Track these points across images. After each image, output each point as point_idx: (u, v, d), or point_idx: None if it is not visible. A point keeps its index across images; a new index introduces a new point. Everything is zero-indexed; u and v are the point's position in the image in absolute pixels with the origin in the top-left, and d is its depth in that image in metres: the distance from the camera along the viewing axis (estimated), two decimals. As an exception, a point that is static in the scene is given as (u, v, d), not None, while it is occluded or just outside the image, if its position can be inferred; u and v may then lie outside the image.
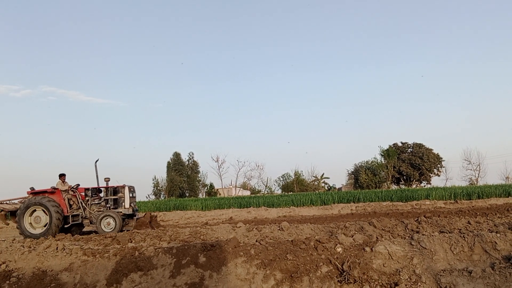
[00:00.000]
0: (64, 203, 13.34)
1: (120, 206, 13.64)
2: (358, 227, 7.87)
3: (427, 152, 49.78)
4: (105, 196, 13.79)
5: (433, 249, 4.86)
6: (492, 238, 4.79)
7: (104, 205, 13.67)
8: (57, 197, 13.24)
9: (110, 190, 13.79)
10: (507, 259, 4.59)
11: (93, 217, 13.29)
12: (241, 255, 5.65)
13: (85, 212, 13.39)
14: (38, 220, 12.79)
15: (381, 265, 4.86)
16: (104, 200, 13.73)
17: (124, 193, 13.65)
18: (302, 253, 5.40)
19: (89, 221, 13.52)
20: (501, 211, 13.57)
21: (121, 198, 13.69)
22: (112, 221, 12.78)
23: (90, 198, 13.74)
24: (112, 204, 13.59)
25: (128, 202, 13.62)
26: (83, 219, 13.46)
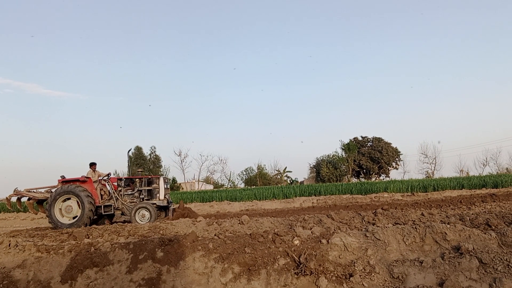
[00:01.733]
0: (96, 193, 12.95)
1: (154, 197, 13.29)
2: (317, 220, 7.98)
3: (386, 146, 51.05)
4: (139, 187, 13.44)
5: (386, 240, 4.98)
6: (442, 229, 4.96)
7: (137, 196, 13.34)
8: (89, 186, 12.81)
9: (144, 180, 13.47)
10: (456, 249, 4.76)
11: (126, 208, 12.94)
12: (199, 249, 5.61)
13: (117, 203, 13.00)
14: (70, 209, 12.39)
15: (336, 256, 4.94)
16: (138, 191, 13.38)
17: (159, 184, 13.34)
18: (260, 246, 5.42)
19: (121, 212, 13.15)
20: (454, 203, 14.08)
21: (155, 189, 13.37)
22: (147, 213, 12.45)
23: (122, 189, 13.38)
24: (146, 195, 13.25)
25: (163, 194, 13.28)
26: (115, 210, 13.04)
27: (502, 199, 14.51)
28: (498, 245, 4.82)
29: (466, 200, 14.34)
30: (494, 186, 24.97)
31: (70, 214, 12.42)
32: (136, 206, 12.57)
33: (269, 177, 54.63)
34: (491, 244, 4.81)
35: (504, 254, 4.62)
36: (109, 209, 12.92)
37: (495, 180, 25.98)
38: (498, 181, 25.51)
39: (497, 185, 24.91)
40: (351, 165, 50.90)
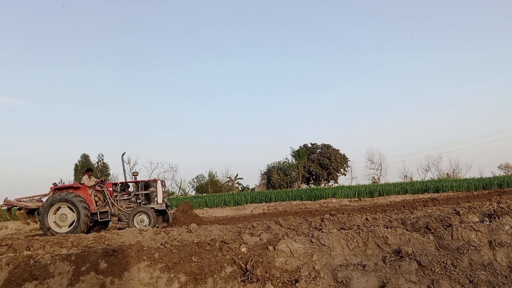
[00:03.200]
0: (91, 199, 12.43)
1: (152, 201, 12.85)
2: (265, 227, 8.03)
3: (334, 152, 52.26)
4: (135, 191, 13.00)
5: (331, 246, 5.08)
6: (384, 233, 5.12)
7: (134, 201, 12.88)
8: (83, 192, 12.32)
9: (141, 184, 13.02)
10: (397, 252, 4.93)
11: (122, 214, 12.44)
12: (145, 259, 5.49)
13: (113, 209, 12.46)
14: (64, 218, 11.87)
15: (283, 263, 4.98)
16: (135, 196, 12.91)
17: (156, 187, 12.90)
18: (207, 255, 5.37)
19: (118, 218, 12.56)
20: (398, 207, 14.62)
21: (153, 192, 12.93)
22: (146, 218, 12.04)
23: (118, 194, 12.88)
24: (143, 200, 12.80)
25: (161, 197, 12.82)
26: (112, 216, 12.48)
27: (442, 203, 15.21)
28: (436, 248, 5.04)
29: (409, 205, 14.91)
30: (435, 190, 26.15)
31: (65, 222, 11.95)
32: (135, 211, 12.19)
33: (221, 184, 54.43)
34: (429, 247, 5.01)
35: (441, 256, 4.83)
36: (105, 216, 12.47)
37: (436, 185, 27.20)
38: (439, 186, 26.73)
39: (438, 190, 26.10)
40: (301, 172, 51.68)
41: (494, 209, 8.25)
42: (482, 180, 27.70)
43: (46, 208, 11.87)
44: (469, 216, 7.21)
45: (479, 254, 4.76)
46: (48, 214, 11.85)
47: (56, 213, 12.03)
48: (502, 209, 8.47)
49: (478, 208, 9.96)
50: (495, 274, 4.58)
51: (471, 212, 8.12)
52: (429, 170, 51.20)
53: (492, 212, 7.60)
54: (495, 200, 13.34)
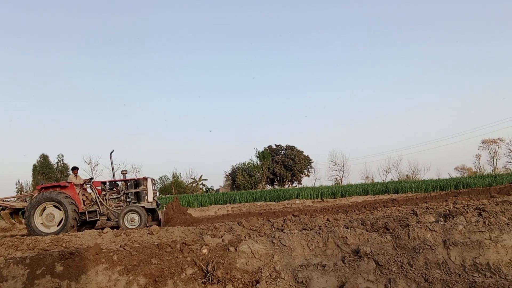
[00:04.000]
0: (79, 198, 12.05)
1: (142, 200, 12.62)
2: (228, 228, 8.00)
3: (298, 154, 52.78)
4: (125, 190, 12.67)
5: (292, 246, 5.11)
6: (343, 233, 5.20)
7: (124, 200, 12.59)
8: (71, 191, 11.90)
9: (131, 183, 12.75)
10: (355, 252, 5.02)
11: (112, 213, 12.15)
12: (103, 262, 5.37)
13: (102, 208, 12.14)
14: (51, 217, 11.48)
15: (244, 264, 4.98)
16: (124, 194, 12.62)
17: (146, 185, 12.69)
18: (168, 257, 5.31)
19: (106, 218, 12.25)
20: (359, 208, 14.89)
21: (143, 191, 12.69)
22: (137, 217, 11.79)
23: (107, 193, 12.57)
24: (133, 198, 12.51)
25: (151, 196, 12.63)
26: (101, 215, 12.16)
27: (402, 203, 15.61)
28: (393, 247, 5.16)
29: (369, 205, 15.21)
30: (395, 191, 26.81)
31: (52, 222, 11.58)
32: (125, 210, 11.95)
33: (185, 186, 53.95)
34: (387, 247, 5.13)
35: (398, 255, 4.95)
36: (93, 215, 12.17)
37: (396, 186, 27.90)
38: (399, 187, 27.43)
39: (397, 191, 26.77)
40: (266, 173, 51.91)
41: (450, 210, 8.52)
42: (439, 182, 28.60)
43: (32, 208, 11.52)
44: (425, 216, 7.43)
45: (434, 253, 4.91)
46: (35, 213, 11.52)
47: (42, 213, 11.71)
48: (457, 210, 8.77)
49: (435, 208, 10.27)
50: (449, 273, 4.74)
51: (427, 212, 8.37)
52: (389, 172, 52.58)
53: (447, 212, 7.84)
54: (451, 200, 13.76)
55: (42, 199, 11.57)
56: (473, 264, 4.84)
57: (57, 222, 11.61)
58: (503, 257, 4.97)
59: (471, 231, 5.20)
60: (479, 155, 54.03)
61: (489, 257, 4.89)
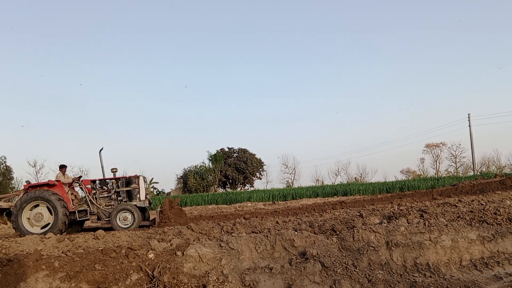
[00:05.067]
0: (68, 197, 11.55)
1: (134, 198, 12.26)
2: (177, 232, 7.89)
3: (250, 157, 52.95)
4: (116, 188, 12.26)
5: (240, 249, 5.11)
6: (291, 236, 5.26)
7: (115, 199, 12.18)
8: (60, 190, 11.41)
9: (122, 181, 12.36)
10: (302, 254, 5.08)
11: (102, 212, 11.72)
12: (44, 269, 5.15)
13: (92, 207, 11.68)
14: (40, 217, 11.05)
15: (191, 268, 4.92)
16: (115, 193, 12.22)
17: (138, 183, 12.38)
18: (112, 262, 5.16)
19: (97, 217, 11.80)
20: (309, 210, 15.10)
21: (135, 189, 12.35)
22: (130, 215, 11.48)
23: (97, 191, 12.11)
24: (124, 197, 12.16)
25: (143, 194, 12.36)
26: (91, 214, 11.69)
27: (350, 205, 15.96)
28: (339, 249, 5.27)
29: (319, 208, 15.46)
30: (344, 194, 27.47)
31: (41, 222, 11.15)
32: (117, 208, 11.59)
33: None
34: (332, 249, 5.23)
35: (343, 257, 5.06)
36: (83, 215, 11.70)
37: (345, 188, 28.60)
38: (347, 189, 28.13)
39: (346, 193, 27.45)
40: (218, 176, 51.68)
41: (394, 211, 8.82)
42: (386, 184, 29.58)
43: (20, 207, 11.08)
44: (371, 218, 7.65)
45: (377, 254, 5.06)
46: (22, 213, 11.10)
47: (30, 213, 11.28)
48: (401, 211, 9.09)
49: (380, 210, 10.59)
50: (391, 273, 4.90)
51: (373, 214, 8.62)
52: (339, 175, 53.72)
53: (391, 214, 8.11)
54: (396, 202, 14.22)
55: (29, 198, 11.22)
56: (414, 264, 5.03)
57: (46, 222, 11.29)
58: (442, 257, 5.20)
59: (412, 232, 5.40)
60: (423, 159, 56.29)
61: (429, 258, 5.10)
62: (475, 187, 19.64)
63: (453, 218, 7.61)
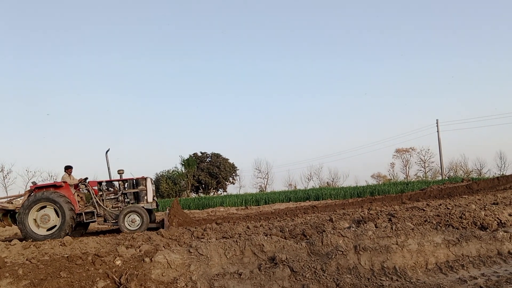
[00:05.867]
0: (74, 199, 11.38)
1: (141, 200, 12.11)
2: (146, 238, 7.79)
3: (223, 161, 52.82)
4: (123, 190, 12.12)
5: (209, 255, 5.08)
6: (260, 241, 5.26)
7: (122, 200, 12.04)
8: (67, 192, 11.30)
9: (130, 182, 12.28)
10: (271, 259, 5.09)
11: (109, 214, 11.61)
12: (7, 276, 5.00)
13: (99, 209, 11.59)
14: (46, 219, 10.91)
15: (159, 274, 4.86)
16: (122, 194, 12.07)
17: (146, 185, 12.25)
18: (78, 269, 5.05)
19: (103, 219, 11.64)
20: (281, 215, 15.17)
21: (142, 191, 12.21)
22: (138, 218, 11.37)
23: (104, 193, 11.98)
24: (131, 199, 12.03)
25: (151, 196, 12.24)
26: (97, 216, 11.56)
27: (321, 210, 16.11)
28: (308, 254, 5.30)
29: (291, 212, 15.54)
30: (316, 198, 27.69)
31: (47, 224, 10.98)
32: (125, 210, 11.47)
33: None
34: (301, 253, 5.26)
35: (312, 262, 5.09)
36: (90, 216, 11.58)
37: (317, 193, 28.83)
38: (319, 194, 28.37)
39: (318, 198, 27.67)
40: (191, 181, 51.33)
41: (363, 216, 8.95)
42: (356, 189, 29.97)
43: (26, 208, 10.88)
44: (340, 222, 7.73)
45: (345, 259, 5.11)
46: (29, 215, 10.93)
47: (36, 214, 11.10)
48: (371, 215, 9.23)
49: (351, 214, 10.73)
50: (359, 277, 4.96)
51: (343, 218, 8.71)
52: (311, 179, 54.10)
53: (361, 218, 8.22)
54: (366, 207, 14.43)
55: (37, 199, 11.06)
56: (381, 268, 5.10)
57: (52, 224, 11.16)
58: (408, 261, 5.30)
59: (380, 237, 5.49)
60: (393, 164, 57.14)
61: (395, 261, 5.18)
62: (443, 191, 20.15)
63: (420, 222, 7.78)
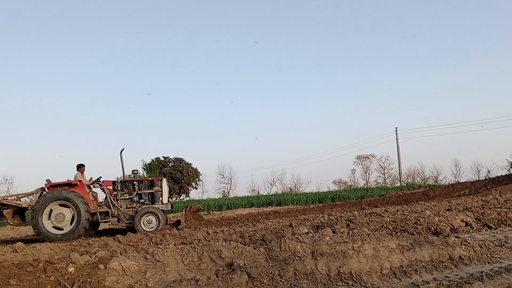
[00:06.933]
0: (89, 198, 11.28)
1: (157, 201, 12.14)
2: (102, 244, 7.61)
3: (186, 166, 52.34)
4: (138, 190, 12.05)
5: (166, 261, 5.01)
6: (218, 247, 5.23)
7: (136, 201, 11.94)
8: (82, 191, 11.16)
9: (145, 183, 12.25)
10: (229, 265, 5.07)
11: (123, 214, 11.50)
12: (-51, 286, 4.76)
13: (113, 209, 11.48)
14: (61, 218, 10.75)
15: (114, 282, 4.75)
16: (137, 195, 11.99)
17: (161, 186, 12.27)
18: (28, 277, 4.87)
19: (117, 219, 11.53)
20: (242, 220, 15.15)
21: (158, 192, 12.22)
22: (154, 219, 11.36)
23: (118, 193, 11.91)
24: (146, 199, 11.98)
25: (166, 197, 12.28)
26: (112, 216, 11.48)
27: (283, 216, 16.20)
28: (266, 260, 5.31)
29: (253, 218, 15.54)
30: (278, 204, 27.86)
31: (62, 223, 10.79)
32: (142, 211, 11.36)
33: (64, 198, 50.14)
34: (259, 259, 5.26)
35: (270, 267, 5.11)
36: (104, 216, 11.50)
37: (279, 198, 29.01)
38: (282, 199, 28.56)
39: (280, 203, 27.85)
40: (152, 185, 50.61)
41: (323, 221, 9.07)
42: (318, 194, 30.37)
43: (41, 207, 10.69)
44: (300, 228, 7.79)
45: (303, 264, 5.15)
46: (43, 214, 10.73)
47: (51, 213, 10.89)
48: (331, 221, 9.37)
49: (311, 220, 10.85)
50: (316, 282, 5.00)
51: (303, 224, 8.79)
52: (274, 185, 54.36)
53: (320, 224, 8.32)
54: (327, 212, 14.61)
55: (52, 198, 10.88)
56: (337, 273, 5.17)
57: (68, 223, 10.93)
58: (364, 266, 5.39)
59: (337, 242, 5.56)
60: (354, 170, 58.32)
61: (352, 266, 5.27)
62: (401, 197, 20.68)
63: (377, 228, 7.95)
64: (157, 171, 50.62)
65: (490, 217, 8.61)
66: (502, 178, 21.96)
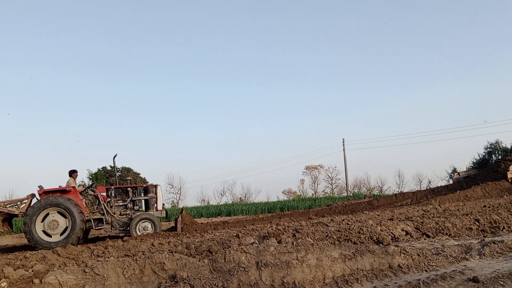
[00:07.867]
0: (83, 204, 10.96)
1: (151, 208, 12.17)
2: (40, 257, 7.26)
3: (135, 176, 51.19)
4: (132, 197, 11.91)
5: (106, 275, 4.86)
6: (161, 259, 5.14)
7: (130, 207, 11.85)
8: (75, 197, 10.83)
9: (139, 189, 12.18)
10: (172, 277, 4.99)
11: (116, 221, 11.36)
12: None
13: (107, 215, 11.26)
14: (55, 225, 10.47)
15: (49, 297, 4.55)
16: (131, 202, 11.88)
17: (156, 193, 12.23)
18: (-45, 294, 4.57)
19: (110, 226, 11.18)
20: (190, 231, 14.95)
21: (152, 198, 12.21)
22: (150, 225, 11.51)
23: (112, 199, 11.73)
24: (141, 206, 12.03)
25: (161, 204, 12.27)
26: (106, 223, 11.48)
27: (231, 226, 16.14)
28: (210, 271, 5.27)
29: (201, 228, 15.40)
30: (228, 214, 27.83)
31: (56, 230, 10.50)
32: (138, 218, 11.32)
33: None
34: (203, 271, 5.21)
35: (214, 279, 5.06)
36: (98, 223, 11.28)
37: (229, 208, 29.00)
38: (231, 209, 28.56)
39: (230, 213, 27.83)
40: (98, 195, 49.09)
41: (270, 231, 9.12)
42: (267, 204, 30.56)
43: (34, 214, 10.32)
44: (247, 238, 7.81)
45: (247, 275, 5.15)
46: (36, 221, 10.35)
47: (43, 220, 10.56)
48: (278, 231, 9.43)
49: (259, 230, 10.87)
50: (260, 293, 5.01)
51: (250, 234, 8.80)
52: (224, 195, 54.05)
53: (266, 234, 8.37)
54: (275, 222, 14.70)
55: (46, 204, 10.53)
56: (281, 283, 5.21)
57: (61, 230, 10.61)
58: (308, 275, 5.46)
59: (282, 252, 5.61)
60: (303, 180, 58.93)
61: (295, 276, 5.32)
62: (347, 207, 21.20)
63: (322, 237, 8.09)
64: (103, 180, 49.18)
65: (428, 226, 8.97)
66: (441, 188, 23.12)
